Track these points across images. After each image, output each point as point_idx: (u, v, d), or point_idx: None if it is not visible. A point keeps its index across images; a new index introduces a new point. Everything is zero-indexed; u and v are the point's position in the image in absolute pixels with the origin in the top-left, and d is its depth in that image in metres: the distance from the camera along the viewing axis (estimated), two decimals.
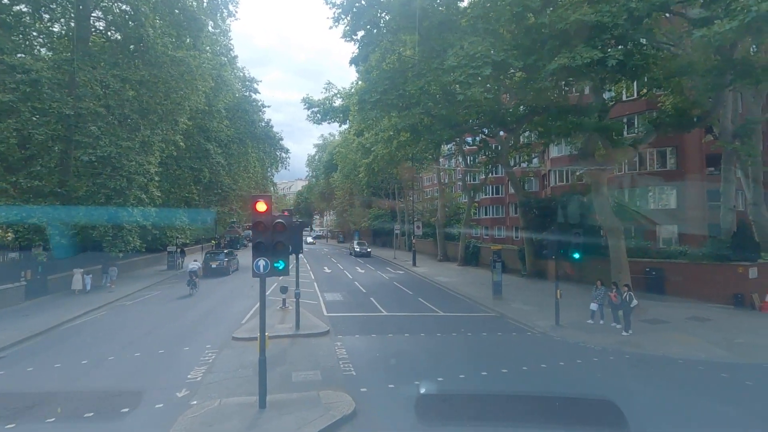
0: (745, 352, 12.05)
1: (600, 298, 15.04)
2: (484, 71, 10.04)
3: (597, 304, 15.08)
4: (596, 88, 13.82)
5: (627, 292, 13.70)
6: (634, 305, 13.68)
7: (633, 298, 13.57)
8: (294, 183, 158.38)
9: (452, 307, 19.08)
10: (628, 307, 13.54)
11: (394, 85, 13.30)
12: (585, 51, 9.59)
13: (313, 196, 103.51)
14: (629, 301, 13.51)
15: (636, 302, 13.69)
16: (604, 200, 16.64)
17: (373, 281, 26.61)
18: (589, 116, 12.53)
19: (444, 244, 38.60)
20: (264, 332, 7.87)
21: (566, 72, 10.31)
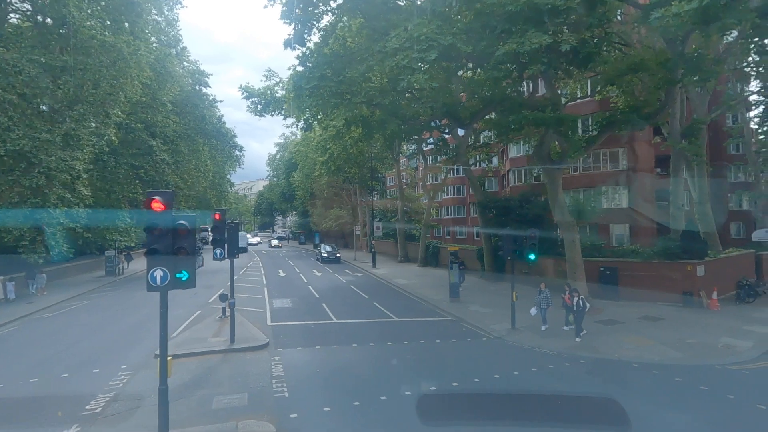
0: (697, 353, 11.87)
1: (544, 301, 14.19)
2: (430, 55, 9.16)
3: (538, 308, 14.14)
4: (550, 81, 13.37)
5: (578, 298, 13.04)
6: (587, 310, 13.19)
7: (585, 303, 13.02)
8: (255, 183, 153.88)
9: (408, 311, 18.20)
10: (581, 313, 12.99)
11: (334, 71, 12.12)
12: (535, 36, 8.92)
13: (274, 196, 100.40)
14: (583, 306, 12.96)
15: (588, 306, 13.19)
16: (559, 199, 16.30)
17: (329, 285, 25.37)
18: (543, 110, 12.02)
19: (405, 245, 37.88)
20: (165, 357, 6.57)
21: (516, 59, 9.66)
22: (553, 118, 11.76)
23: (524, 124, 11.73)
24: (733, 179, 38.52)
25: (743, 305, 18.07)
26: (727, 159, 38.02)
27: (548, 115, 11.75)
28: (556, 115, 11.92)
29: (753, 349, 12.08)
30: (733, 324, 14.75)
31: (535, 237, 13.58)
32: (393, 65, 9.93)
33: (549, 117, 11.63)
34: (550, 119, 11.65)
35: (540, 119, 11.18)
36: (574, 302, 12.94)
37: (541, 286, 14.32)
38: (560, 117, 12.01)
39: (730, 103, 22.39)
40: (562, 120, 11.91)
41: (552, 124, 11.78)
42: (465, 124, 14.78)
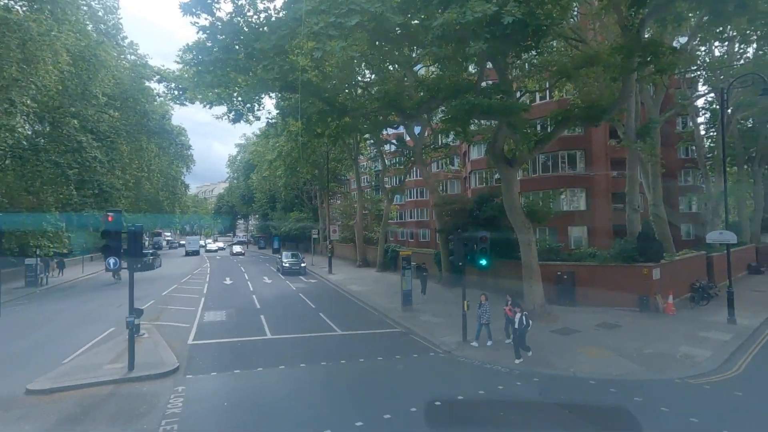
0: (655, 365, 10.99)
1: (484, 316, 12.66)
2: (349, 20, 7.72)
3: (481, 321, 12.69)
4: (501, 69, 12.26)
5: (521, 314, 11.27)
6: (529, 328, 11.55)
7: (529, 320, 11.37)
8: (216, 186, 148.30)
9: (355, 323, 16.64)
10: (523, 332, 11.29)
11: (243, 41, 10.38)
12: (478, 4, 7.71)
13: (234, 199, 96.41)
14: (526, 324, 11.29)
15: (531, 324, 11.55)
16: (514, 200, 15.30)
17: (276, 293, 23.42)
18: (490, 96, 10.85)
19: (363, 249, 36.35)
20: None
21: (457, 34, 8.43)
22: (500, 106, 10.53)
23: (469, 113, 10.48)
24: (683, 183, 39.64)
25: (698, 308, 17.74)
26: (678, 163, 39.07)
27: (494, 101, 10.52)
28: (504, 103, 10.66)
29: (711, 358, 11.36)
30: (689, 330, 14.15)
31: (487, 240, 12.39)
32: (306, 32, 8.40)
33: (495, 104, 10.40)
34: (497, 107, 10.43)
35: (485, 106, 9.96)
36: (516, 319, 11.32)
37: (481, 298, 12.87)
38: (508, 104, 10.80)
39: (683, 103, 22.38)
40: (509, 108, 10.74)
41: (499, 112, 10.62)
42: (411, 117, 13.49)
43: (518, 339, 11.24)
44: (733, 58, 25.59)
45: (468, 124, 12.09)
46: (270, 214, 69.60)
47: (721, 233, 16.06)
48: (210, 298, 21.78)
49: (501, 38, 8.65)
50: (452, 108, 11.10)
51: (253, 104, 14.20)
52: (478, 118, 13.32)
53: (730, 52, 26.46)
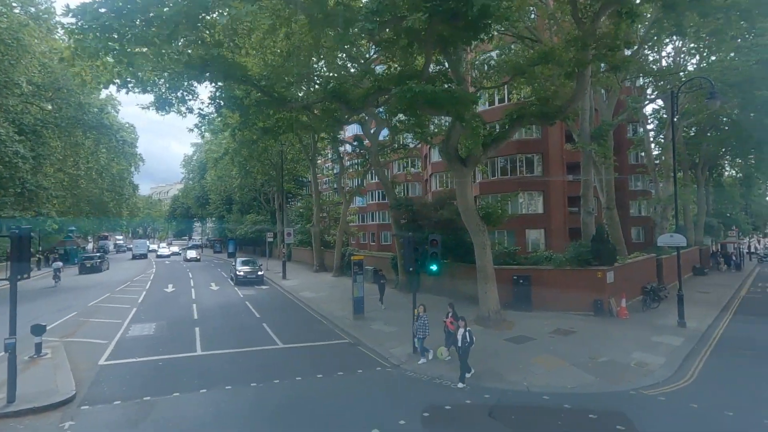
0: (610, 374, 10.47)
1: (421, 330, 11.41)
2: None
3: (418, 336, 11.49)
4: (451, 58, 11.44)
5: (464, 329, 9.97)
6: (473, 346, 10.16)
7: (472, 336, 9.99)
8: (172, 187, 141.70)
9: (301, 334, 15.32)
10: (466, 350, 9.90)
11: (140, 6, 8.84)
12: None
13: (190, 200, 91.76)
14: (470, 341, 9.89)
15: (474, 341, 10.11)
16: (469, 202, 14.58)
17: (220, 302, 21.63)
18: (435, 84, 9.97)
19: (321, 253, 34.92)
20: None
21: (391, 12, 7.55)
22: (447, 95, 9.61)
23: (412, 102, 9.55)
24: (634, 187, 41.02)
25: (649, 311, 17.75)
26: (629, 168, 40.38)
27: (440, 90, 9.62)
28: (451, 92, 9.74)
29: (665, 366, 10.99)
30: (642, 335, 13.90)
31: (437, 244, 11.51)
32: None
33: (441, 93, 9.48)
34: (443, 96, 9.53)
35: (429, 94, 9.02)
36: (459, 335, 9.98)
37: (418, 309, 11.74)
38: (455, 94, 9.90)
39: (634, 107, 22.70)
40: (457, 98, 9.88)
41: (446, 102, 9.76)
42: (358, 110, 12.47)
43: (462, 358, 9.91)
44: (679, 67, 26.45)
45: (415, 115, 11.15)
46: (226, 216, 66.48)
47: (671, 236, 16.07)
48: (143, 308, 19.73)
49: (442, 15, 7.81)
50: (394, 96, 10.12)
51: (182, 92, 12.67)
52: (427, 112, 12.41)
53: (676, 62, 27.37)
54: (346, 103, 12.06)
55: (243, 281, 28.04)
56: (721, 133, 31.93)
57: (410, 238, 12.16)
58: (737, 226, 46.28)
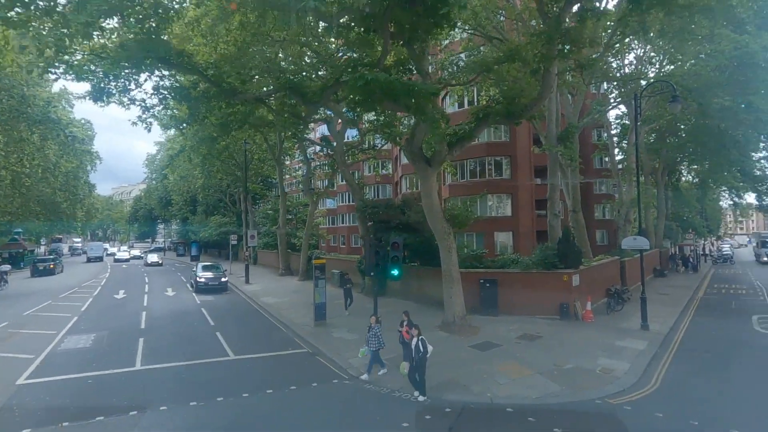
0: (575, 382, 10.10)
1: (373, 341, 10.47)
2: None
3: (370, 348, 10.53)
4: (415, 53, 10.86)
5: (418, 338, 9.15)
6: (428, 355, 9.31)
7: (426, 346, 9.11)
8: (135, 187, 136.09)
9: (256, 343, 14.32)
10: (421, 360, 9.06)
11: None
12: None
13: (153, 201, 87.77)
14: (423, 351, 9.03)
15: (430, 350, 9.24)
16: (434, 203, 14.06)
17: (174, 310, 20.22)
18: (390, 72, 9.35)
19: (287, 257, 33.72)
20: None
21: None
22: (403, 85, 8.99)
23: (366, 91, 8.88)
24: (598, 191, 41.99)
25: (613, 314, 17.76)
26: (594, 173, 41.31)
27: (395, 79, 8.97)
28: (407, 82, 9.06)
29: (629, 372, 10.74)
30: (607, 339, 13.73)
31: (399, 247, 10.87)
32: None
33: (397, 82, 8.81)
34: (399, 86, 8.85)
35: (383, 83, 8.34)
36: (413, 344, 9.19)
37: (371, 320, 10.91)
38: (412, 85, 9.24)
39: (599, 110, 22.96)
40: (414, 90, 9.19)
41: (401, 92, 9.10)
42: (315, 103, 11.70)
43: (419, 371, 9.15)
44: (641, 74, 27.08)
45: (373, 108, 10.48)
46: (190, 218, 63.86)
47: (635, 239, 16.09)
48: (86, 317, 18.16)
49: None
50: (347, 85, 9.38)
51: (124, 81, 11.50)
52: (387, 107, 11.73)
53: (638, 69, 28.02)
54: (302, 96, 11.22)
55: (204, 289, 25.19)
56: (679, 139, 33.02)
57: (371, 241, 11.48)
58: (694, 229, 48.27)
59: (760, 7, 17.66)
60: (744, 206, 53.85)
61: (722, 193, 51.24)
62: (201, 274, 26.20)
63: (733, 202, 46.03)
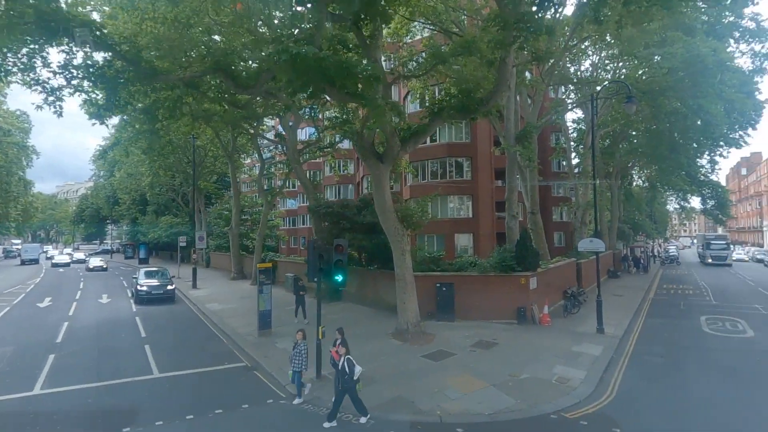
0: (530, 395, 9.44)
1: (297, 360, 9.27)
2: None
3: (293, 368, 9.31)
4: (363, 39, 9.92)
5: (344, 357, 8.15)
6: (356, 377, 8.19)
7: (353, 366, 8.09)
8: (82, 185, 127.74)
9: (189, 357, 12.84)
10: (348, 383, 8.05)
11: None
12: None
13: (100, 200, 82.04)
14: (350, 372, 8.01)
15: (358, 371, 8.17)
16: (386, 202, 13.17)
17: (101, 319, 18.21)
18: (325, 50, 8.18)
19: (240, 259, 31.86)
20: None
21: None
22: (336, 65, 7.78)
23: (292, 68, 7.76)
24: (556, 193, 42.81)
25: (570, 317, 17.54)
26: (552, 176, 42.08)
27: (327, 55, 7.75)
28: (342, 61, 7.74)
29: (586, 381, 10.24)
30: (563, 344, 13.31)
31: (343, 250, 9.86)
32: None
33: (328, 59, 7.64)
34: (332, 65, 7.72)
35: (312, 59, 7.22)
36: (339, 364, 8.20)
37: (297, 335, 9.78)
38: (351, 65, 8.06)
39: (557, 109, 22.96)
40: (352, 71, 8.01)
41: (336, 73, 8.01)
42: (250, 89, 10.48)
43: (349, 393, 8.12)
44: (597, 80, 27.55)
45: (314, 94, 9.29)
46: (140, 218, 59.91)
47: (591, 241, 15.90)
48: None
49: None
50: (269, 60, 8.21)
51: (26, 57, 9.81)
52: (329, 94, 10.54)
53: (593, 75, 28.51)
54: (234, 80, 9.96)
55: (146, 298, 21.67)
56: (631, 144, 34.07)
57: (314, 243, 10.40)
58: (644, 231, 50.33)
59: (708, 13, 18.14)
60: (688, 209, 56.88)
61: (669, 197, 53.93)
62: (143, 281, 22.73)
63: (680, 206, 48.33)
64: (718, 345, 13.65)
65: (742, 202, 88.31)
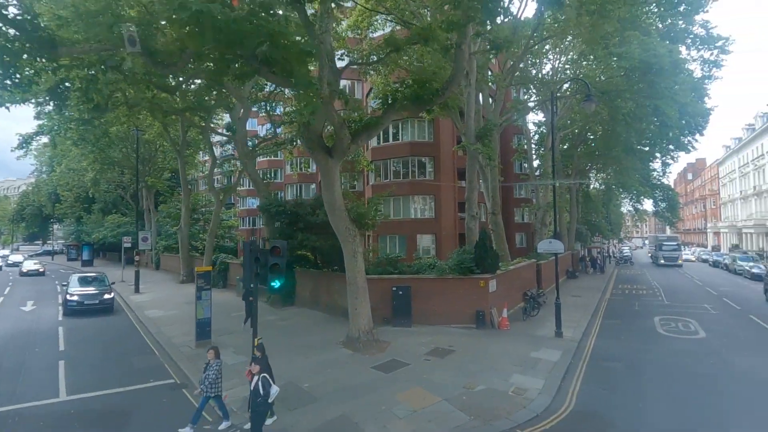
0: (486, 409, 8.70)
1: (211, 383, 7.97)
2: None
3: (205, 395, 7.98)
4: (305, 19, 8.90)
5: (258, 376, 7.13)
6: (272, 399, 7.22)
7: (269, 385, 7.10)
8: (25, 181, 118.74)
9: (110, 374, 11.29)
10: (262, 406, 7.10)
11: None
12: None
13: (42, 197, 75.86)
14: (264, 394, 7.01)
15: (274, 392, 7.17)
16: (336, 200, 12.15)
17: (17, 330, 16.10)
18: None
19: (190, 261, 29.80)
20: None
21: None
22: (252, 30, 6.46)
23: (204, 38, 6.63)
24: (518, 195, 43.24)
25: (529, 319, 17.16)
26: (514, 177, 42.46)
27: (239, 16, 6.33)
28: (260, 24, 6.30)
29: (543, 392, 9.63)
30: (522, 350, 12.77)
31: (280, 253, 8.76)
32: None
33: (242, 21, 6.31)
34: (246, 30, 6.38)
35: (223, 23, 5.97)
36: (252, 384, 7.19)
37: (208, 353, 8.53)
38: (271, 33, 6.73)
39: (519, 107, 22.74)
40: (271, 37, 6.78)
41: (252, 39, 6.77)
42: (168, 65, 9.18)
43: (256, 417, 7.09)
44: (556, 82, 27.72)
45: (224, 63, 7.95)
46: (85, 217, 55.65)
47: (550, 242, 15.54)
48: None
49: None
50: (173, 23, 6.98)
51: None
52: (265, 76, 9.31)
53: (553, 78, 28.70)
54: (150, 55, 8.57)
55: (77, 310, 18.55)
56: (589, 148, 34.76)
57: (249, 245, 9.22)
58: (600, 232, 51.86)
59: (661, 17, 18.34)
60: (641, 212, 59.29)
61: (624, 199, 55.95)
62: (75, 290, 19.33)
63: (634, 208, 50.10)
64: (672, 347, 13.54)
65: (688, 205, 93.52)
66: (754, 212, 53.19)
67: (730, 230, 64.52)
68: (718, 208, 73.98)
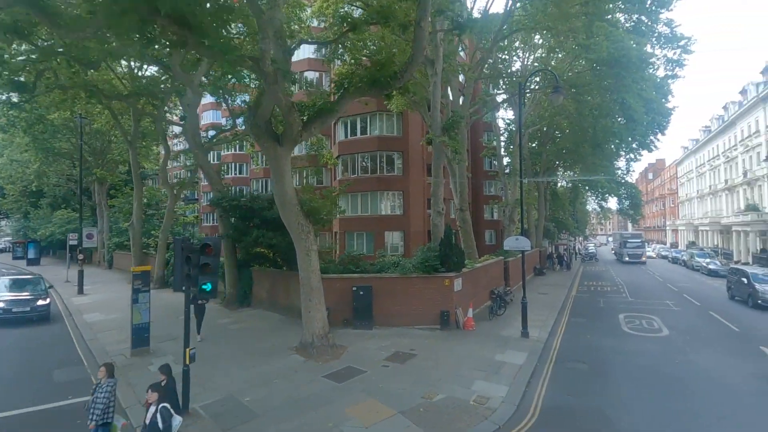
0: (444, 422, 7.92)
1: (101, 408, 6.42)
2: None
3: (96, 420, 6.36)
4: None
5: (156, 406, 6.05)
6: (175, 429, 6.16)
7: (172, 414, 6.14)
8: None
9: (22, 391, 9.85)
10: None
11: None
12: None
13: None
14: (164, 425, 5.94)
15: (179, 423, 6.26)
16: (287, 193, 11.09)
17: None
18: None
19: (143, 259, 27.79)
20: None
21: None
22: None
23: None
24: (488, 192, 43.15)
25: (496, 319, 16.64)
26: (484, 174, 42.33)
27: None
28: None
29: (507, 400, 8.95)
30: (486, 352, 12.13)
31: (212, 252, 7.67)
32: None
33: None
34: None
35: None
36: (149, 414, 6.06)
37: (99, 372, 7.19)
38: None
39: (487, 99, 22.23)
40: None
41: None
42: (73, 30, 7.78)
43: None
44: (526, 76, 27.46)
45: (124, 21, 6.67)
46: (32, 212, 51.75)
47: (517, 239, 15.00)
48: None
49: None
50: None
51: None
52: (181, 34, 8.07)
53: (523, 73, 28.45)
54: (49, 16, 7.15)
55: (2, 319, 15.98)
56: (556, 145, 34.93)
57: (180, 243, 8.07)
58: (567, 229, 52.72)
59: (628, 11, 18.17)
60: (606, 209, 60.76)
61: (589, 197, 57.12)
62: (1, 295, 16.76)
63: (599, 206, 51.13)
64: (638, 346, 13.27)
65: (649, 203, 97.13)
66: (709, 210, 55.44)
67: (687, 228, 67.17)
68: (676, 206, 77.03)
